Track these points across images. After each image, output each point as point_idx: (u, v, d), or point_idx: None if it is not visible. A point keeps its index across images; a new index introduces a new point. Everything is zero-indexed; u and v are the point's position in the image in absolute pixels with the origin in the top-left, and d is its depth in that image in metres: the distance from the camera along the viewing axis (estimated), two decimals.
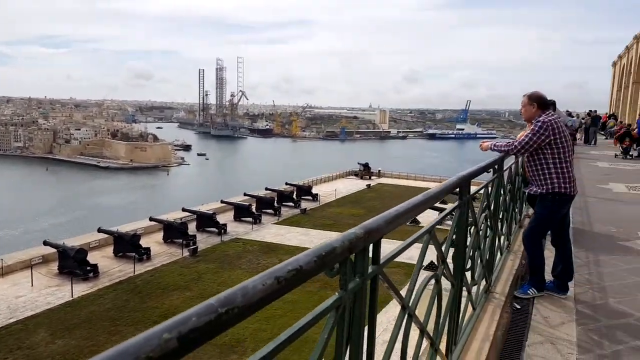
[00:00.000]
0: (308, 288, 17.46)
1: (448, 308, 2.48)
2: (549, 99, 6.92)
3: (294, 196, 39.61)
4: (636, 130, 21.51)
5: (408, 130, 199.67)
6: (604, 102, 52.35)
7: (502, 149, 4.11)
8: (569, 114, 24.80)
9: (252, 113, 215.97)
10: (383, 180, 52.84)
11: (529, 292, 4.16)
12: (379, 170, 57.52)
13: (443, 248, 2.25)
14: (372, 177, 54.24)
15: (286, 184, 43.08)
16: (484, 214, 3.33)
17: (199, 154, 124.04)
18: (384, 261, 1.49)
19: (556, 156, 4.00)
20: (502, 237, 4.81)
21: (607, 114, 38.69)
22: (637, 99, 33.25)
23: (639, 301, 4.21)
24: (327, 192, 43.15)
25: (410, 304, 1.78)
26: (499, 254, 4.52)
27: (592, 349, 3.28)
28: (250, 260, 24.67)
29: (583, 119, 28.34)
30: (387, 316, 12.61)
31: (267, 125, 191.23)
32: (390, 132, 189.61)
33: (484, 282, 3.74)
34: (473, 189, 2.99)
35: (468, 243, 2.96)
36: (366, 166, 56.10)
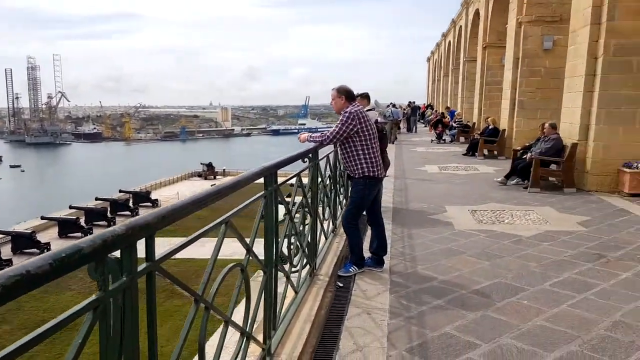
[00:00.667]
0: (175, 303, 16.51)
1: (260, 296, 2.53)
2: (366, 92, 7.59)
3: (131, 204, 37.07)
4: (448, 118, 24.80)
5: (252, 127, 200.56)
6: (423, 93, 59.15)
7: (317, 139, 4.36)
8: (394, 106, 27.36)
9: (76, 116, 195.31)
10: (229, 179, 52.24)
11: (350, 270, 4.48)
12: (224, 169, 56.83)
13: (249, 239, 2.29)
14: (217, 177, 53.42)
15: (120, 191, 40.07)
16: (299, 202, 3.47)
17: (12, 166, 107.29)
18: (161, 257, 1.44)
19: (364, 143, 4.37)
20: (327, 222, 5.09)
21: (424, 104, 43.78)
22: (446, 90, 38.09)
23: (441, 266, 4.82)
24: (168, 196, 41.22)
25: (207, 297, 1.77)
26: (323, 238, 4.78)
27: (402, 312, 3.66)
28: (83, 279, 22.19)
29: (404, 109, 31.54)
30: None
31: (95, 128, 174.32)
32: (234, 129, 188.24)
33: (308, 267, 3.92)
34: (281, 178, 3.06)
35: (284, 231, 3.06)
36: (210, 166, 55.07)
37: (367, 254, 4.76)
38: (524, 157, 9.92)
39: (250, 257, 2.29)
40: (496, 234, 6.08)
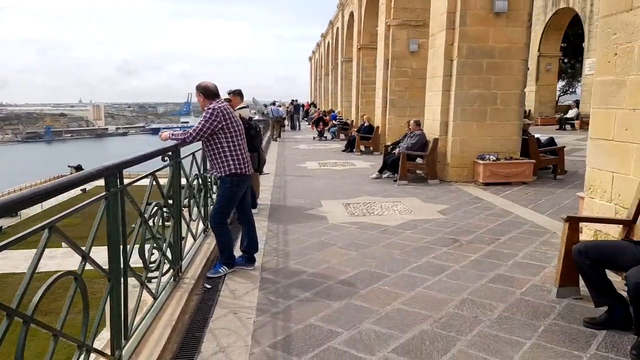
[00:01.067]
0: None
1: (104, 304, 2.36)
2: (239, 89, 7.48)
3: None
4: (329, 117, 25.67)
5: (129, 125, 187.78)
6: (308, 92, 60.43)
7: (180, 137, 4.19)
8: (273, 104, 27.59)
9: None
10: (101, 182, 48.47)
11: (220, 270, 4.39)
12: None
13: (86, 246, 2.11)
14: None
15: None
16: (155, 204, 3.30)
17: None
18: None
19: (230, 140, 4.30)
20: (195, 223, 4.94)
21: (308, 102, 44.76)
22: (328, 89, 39.25)
23: (312, 259, 4.92)
24: None
25: (27, 310, 1.59)
26: (191, 239, 4.63)
27: (269, 309, 3.66)
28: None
29: (287, 107, 31.97)
30: None
31: None
32: (107, 129, 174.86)
33: (171, 270, 3.76)
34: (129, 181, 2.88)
35: (135, 235, 2.88)
36: (79, 168, 50.63)
37: (238, 253, 4.71)
38: (394, 152, 10.57)
39: (91, 265, 2.11)
40: (366, 225, 6.38)
